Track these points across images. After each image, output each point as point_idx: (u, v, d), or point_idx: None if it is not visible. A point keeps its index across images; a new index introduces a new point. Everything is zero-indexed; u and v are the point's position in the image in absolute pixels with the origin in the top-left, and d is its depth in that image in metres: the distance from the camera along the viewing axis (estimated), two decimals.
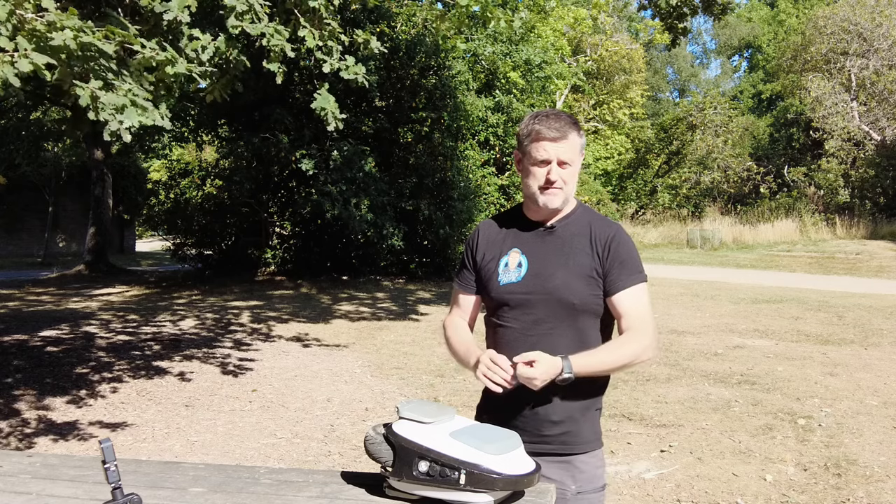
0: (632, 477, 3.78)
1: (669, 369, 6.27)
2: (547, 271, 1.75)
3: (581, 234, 1.78)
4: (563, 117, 1.74)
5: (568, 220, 1.81)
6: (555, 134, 1.71)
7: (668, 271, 15.50)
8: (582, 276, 1.74)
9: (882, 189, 24.76)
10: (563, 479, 1.73)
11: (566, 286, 1.73)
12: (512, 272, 1.79)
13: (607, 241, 1.75)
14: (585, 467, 1.76)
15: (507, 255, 1.81)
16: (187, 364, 6.57)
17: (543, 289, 1.74)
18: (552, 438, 1.73)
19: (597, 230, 1.78)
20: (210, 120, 14.57)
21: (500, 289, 1.79)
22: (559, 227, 1.80)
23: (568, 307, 1.73)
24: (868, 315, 9.29)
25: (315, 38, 3.86)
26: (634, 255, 1.77)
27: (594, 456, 1.78)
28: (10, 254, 23.09)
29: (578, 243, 1.77)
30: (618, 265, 1.73)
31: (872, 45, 25.30)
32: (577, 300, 1.72)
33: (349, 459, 4.12)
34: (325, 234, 13.93)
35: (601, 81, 32.62)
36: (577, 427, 1.74)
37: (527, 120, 1.78)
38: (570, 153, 1.73)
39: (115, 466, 1.29)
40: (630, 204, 30.86)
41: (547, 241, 1.79)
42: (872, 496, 3.48)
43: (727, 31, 48.32)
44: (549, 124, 1.72)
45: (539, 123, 1.73)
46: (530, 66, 18.10)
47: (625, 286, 1.73)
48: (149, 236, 30.95)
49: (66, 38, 2.58)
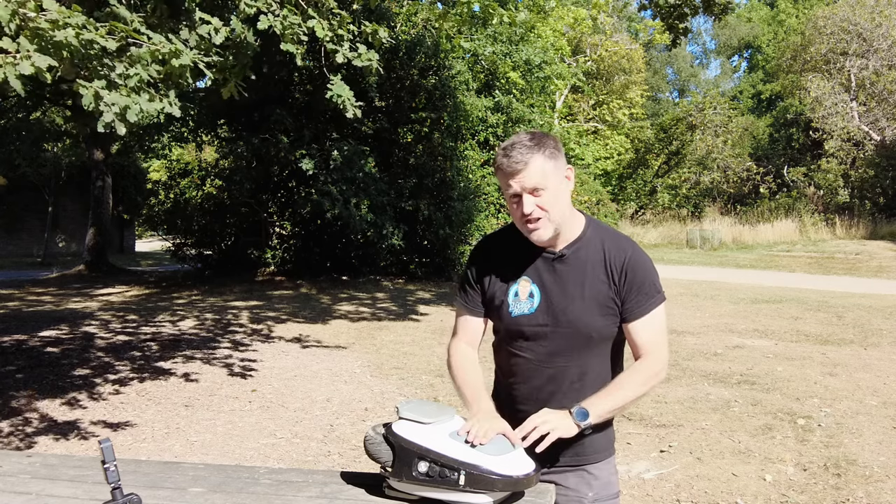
0: (631, 477, 3.78)
1: (669, 369, 6.24)
2: (562, 304, 1.68)
3: (595, 261, 1.70)
4: (522, 144, 1.63)
5: (578, 244, 1.72)
6: (514, 167, 1.62)
7: (667, 271, 15.48)
8: (599, 305, 1.68)
9: (882, 189, 24.77)
10: (579, 487, 1.73)
11: (581, 320, 1.67)
12: (524, 303, 1.72)
13: (623, 267, 1.68)
14: (601, 474, 1.76)
15: (516, 284, 1.73)
16: (187, 364, 6.57)
17: (558, 321, 1.69)
18: (567, 451, 1.72)
19: (611, 254, 1.69)
20: (210, 120, 14.57)
21: (512, 320, 1.73)
22: (570, 255, 1.71)
23: (586, 339, 1.69)
24: (868, 315, 9.29)
25: (325, 29, 3.85)
26: (651, 276, 1.71)
27: (608, 463, 1.78)
28: (9, 254, 23.08)
29: (592, 270, 1.69)
30: (635, 291, 1.68)
31: (872, 46, 25.30)
32: (595, 333, 1.69)
33: (349, 459, 4.12)
34: (324, 234, 13.93)
35: (601, 81, 32.62)
36: (591, 437, 1.73)
37: (496, 153, 1.72)
38: (536, 178, 1.61)
39: (115, 466, 1.29)
40: (630, 204, 30.85)
41: (559, 270, 1.70)
42: (872, 496, 3.48)
43: (727, 31, 48.32)
44: (507, 155, 1.63)
45: (502, 157, 1.65)
46: (530, 67, 18.11)
47: (642, 313, 1.69)
48: (149, 236, 30.93)
49: (68, 36, 2.57)
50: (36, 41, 2.55)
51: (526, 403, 1.72)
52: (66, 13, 2.63)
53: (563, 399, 1.69)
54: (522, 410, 1.67)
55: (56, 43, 2.56)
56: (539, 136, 1.67)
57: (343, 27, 3.98)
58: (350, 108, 4.12)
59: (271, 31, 3.76)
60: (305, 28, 3.72)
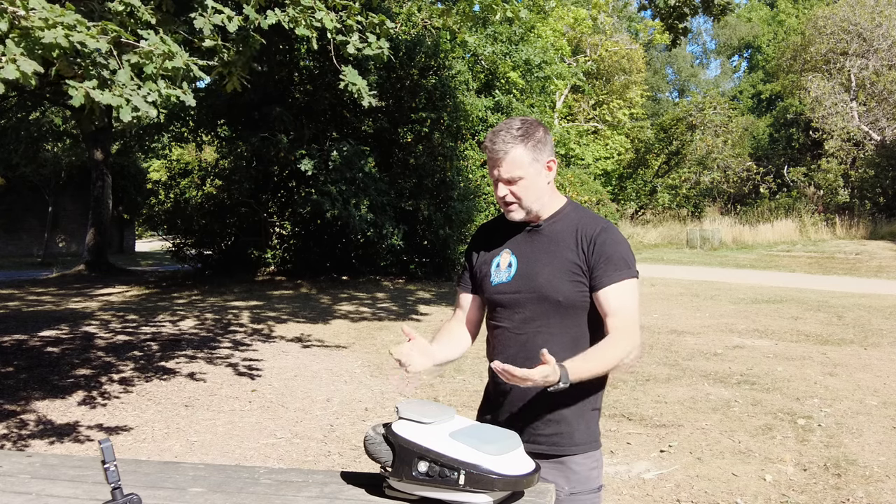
0: (631, 477, 3.78)
1: (669, 369, 6.27)
2: (533, 270, 1.77)
3: (566, 232, 1.78)
4: (508, 132, 1.73)
5: (555, 218, 1.82)
6: (495, 155, 1.73)
7: (667, 271, 15.51)
8: (566, 272, 1.74)
9: (882, 189, 24.77)
10: (556, 479, 1.73)
11: (550, 284, 1.74)
12: (503, 272, 1.82)
13: (592, 237, 1.74)
14: (579, 468, 1.76)
15: (499, 256, 1.85)
16: (187, 364, 6.57)
17: (529, 287, 1.76)
18: (544, 439, 1.74)
19: (582, 227, 1.77)
20: (210, 120, 14.57)
21: (492, 289, 1.83)
22: (545, 226, 1.81)
23: (554, 304, 1.74)
24: (867, 315, 9.29)
25: (333, 21, 3.84)
26: (622, 251, 1.75)
27: (589, 457, 1.78)
28: (9, 254, 23.09)
29: (563, 240, 1.78)
30: (603, 261, 1.72)
31: (872, 46, 25.30)
32: (562, 297, 1.73)
33: (349, 459, 4.12)
34: (324, 234, 13.93)
35: (601, 81, 32.61)
36: (570, 428, 1.75)
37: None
38: (513, 170, 1.72)
39: (115, 466, 1.29)
40: (630, 204, 30.85)
41: (534, 239, 1.81)
42: (872, 496, 3.48)
43: (727, 31, 48.32)
44: (492, 143, 1.73)
45: (488, 139, 1.75)
46: (530, 67, 18.12)
47: (610, 282, 1.71)
48: (148, 236, 30.95)
49: (57, 36, 2.55)
50: (24, 44, 2.52)
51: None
52: (58, 11, 2.61)
53: (534, 365, 1.65)
54: (501, 382, 1.66)
55: (45, 45, 2.54)
56: (529, 124, 1.75)
57: (351, 18, 3.97)
58: (366, 96, 4.11)
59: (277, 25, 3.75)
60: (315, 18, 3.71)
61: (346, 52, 4.00)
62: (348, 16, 3.96)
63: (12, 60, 2.48)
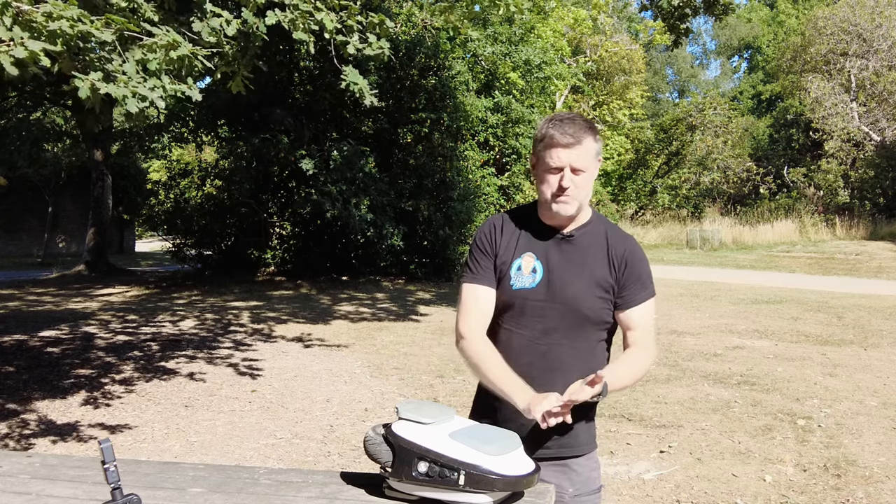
0: (631, 477, 3.78)
1: (669, 370, 6.27)
2: (562, 280, 1.72)
3: (597, 245, 1.76)
4: (579, 122, 1.69)
5: (585, 229, 1.77)
6: (568, 140, 1.66)
7: (667, 272, 15.50)
8: (596, 286, 1.73)
9: (882, 190, 24.78)
10: (560, 482, 1.73)
11: (579, 298, 1.71)
12: (526, 277, 1.74)
13: (624, 256, 1.75)
14: (582, 470, 1.76)
15: (520, 258, 1.76)
16: (187, 364, 6.57)
17: (557, 298, 1.71)
18: (550, 443, 1.73)
19: (613, 243, 1.76)
20: (210, 120, 14.57)
21: (513, 293, 1.74)
22: (577, 237, 1.76)
23: (581, 318, 1.72)
24: (867, 316, 9.29)
25: (334, 22, 3.84)
26: (648, 270, 1.79)
27: (590, 458, 1.79)
28: (9, 254, 23.09)
29: (594, 254, 1.75)
30: (634, 281, 1.74)
31: (872, 46, 25.31)
32: (591, 312, 1.72)
33: (349, 460, 4.12)
34: (324, 235, 13.93)
35: (601, 82, 32.60)
36: (574, 431, 1.75)
37: (542, 124, 1.74)
38: (584, 160, 1.67)
39: (115, 467, 1.29)
40: (630, 204, 30.86)
41: (564, 249, 1.75)
42: (872, 497, 3.48)
43: (727, 31, 48.34)
44: (562, 129, 1.67)
45: (553, 128, 1.68)
46: (530, 67, 18.10)
47: (639, 302, 1.75)
48: (148, 236, 30.94)
49: (62, 26, 2.57)
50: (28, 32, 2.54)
51: None
52: (60, 6, 2.62)
53: (552, 377, 1.68)
54: None
55: (50, 32, 2.55)
56: (588, 120, 1.75)
57: (352, 18, 3.97)
58: (367, 95, 4.12)
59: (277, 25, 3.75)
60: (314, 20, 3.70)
61: (346, 52, 4.00)
62: (348, 16, 3.97)
63: (20, 43, 2.49)
